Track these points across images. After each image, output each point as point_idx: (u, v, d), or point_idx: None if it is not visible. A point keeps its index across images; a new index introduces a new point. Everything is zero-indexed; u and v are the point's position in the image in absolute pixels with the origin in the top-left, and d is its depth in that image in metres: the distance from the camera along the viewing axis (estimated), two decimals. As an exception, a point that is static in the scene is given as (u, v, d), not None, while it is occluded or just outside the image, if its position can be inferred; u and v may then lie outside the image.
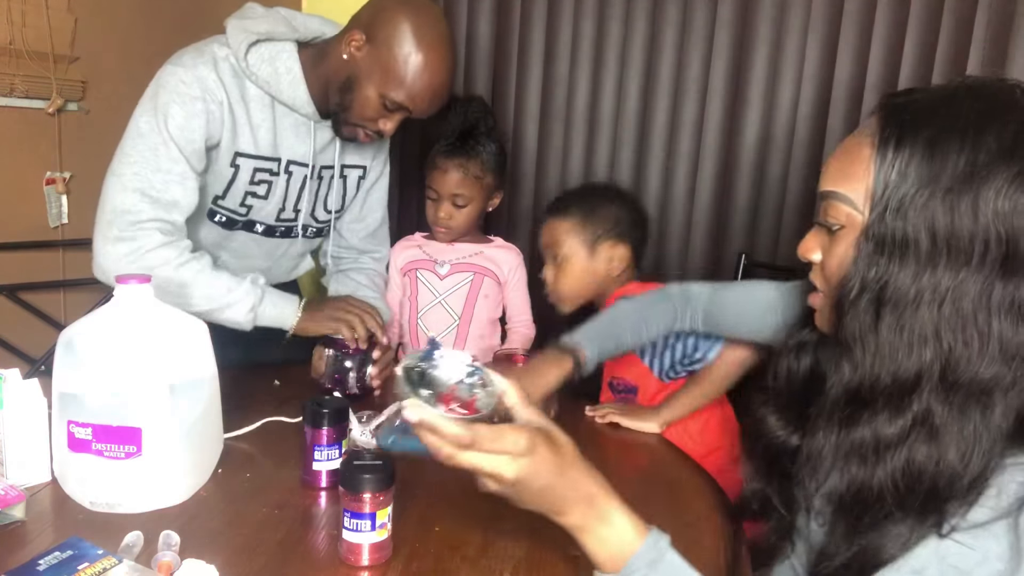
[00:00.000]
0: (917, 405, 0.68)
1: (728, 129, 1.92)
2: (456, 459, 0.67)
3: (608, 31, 1.95)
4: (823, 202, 0.77)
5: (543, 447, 0.69)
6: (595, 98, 2.00)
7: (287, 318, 1.34)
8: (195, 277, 1.27)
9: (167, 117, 1.24)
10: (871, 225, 0.70)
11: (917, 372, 0.68)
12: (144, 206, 1.25)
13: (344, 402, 1.02)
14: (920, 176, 0.67)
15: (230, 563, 0.79)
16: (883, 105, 0.73)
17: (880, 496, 0.69)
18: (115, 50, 1.75)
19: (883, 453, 0.69)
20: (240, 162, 1.34)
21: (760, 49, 1.86)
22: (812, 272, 0.81)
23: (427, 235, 1.76)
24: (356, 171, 1.54)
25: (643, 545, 0.70)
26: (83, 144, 1.70)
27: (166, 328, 0.94)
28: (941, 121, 0.68)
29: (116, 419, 0.88)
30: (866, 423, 0.71)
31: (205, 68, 1.27)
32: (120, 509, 0.89)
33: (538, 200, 2.07)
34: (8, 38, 1.49)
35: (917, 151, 0.68)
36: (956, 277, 0.66)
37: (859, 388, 0.71)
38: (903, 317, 0.68)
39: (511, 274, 1.72)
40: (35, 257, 1.63)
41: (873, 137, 0.71)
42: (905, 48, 1.75)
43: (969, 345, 0.66)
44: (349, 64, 1.29)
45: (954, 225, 0.66)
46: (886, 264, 0.69)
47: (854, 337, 0.71)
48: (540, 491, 0.70)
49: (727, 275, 1.90)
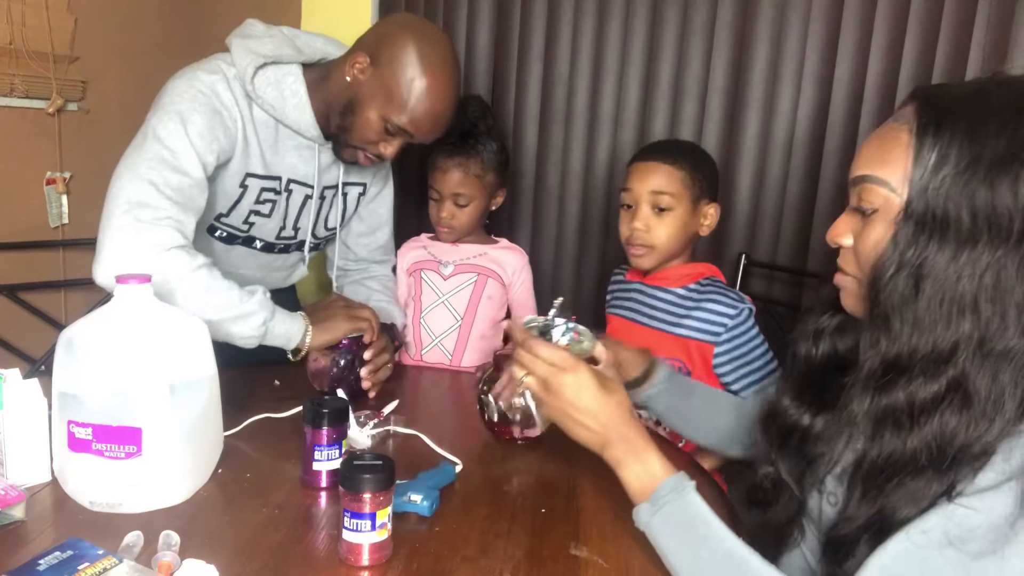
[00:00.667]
0: (953, 371, 0.71)
1: (728, 129, 1.92)
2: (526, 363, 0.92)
3: (608, 31, 1.95)
4: (857, 187, 0.80)
5: (587, 375, 0.89)
6: (595, 98, 2.00)
7: (294, 336, 1.27)
8: (209, 284, 1.19)
9: (187, 123, 1.20)
10: (910, 204, 0.73)
11: (955, 342, 0.71)
12: (163, 202, 1.17)
13: (344, 402, 1.02)
14: (961, 158, 0.71)
15: (230, 563, 0.79)
16: (917, 96, 0.77)
17: (912, 459, 0.72)
18: (115, 50, 1.75)
19: (918, 417, 0.73)
20: (249, 182, 1.33)
21: (760, 49, 1.86)
22: (841, 257, 0.84)
23: (432, 236, 1.77)
24: (356, 188, 1.55)
25: (672, 477, 0.84)
26: (83, 144, 1.69)
27: (166, 328, 0.94)
28: (979, 108, 0.72)
29: (116, 419, 0.88)
30: (902, 388, 0.74)
31: (221, 85, 1.26)
32: (120, 509, 0.89)
33: (538, 200, 2.07)
34: (8, 38, 1.49)
35: (958, 135, 0.71)
36: (995, 254, 0.69)
37: (897, 358, 0.74)
38: (943, 290, 0.71)
39: (516, 276, 1.72)
40: (35, 257, 1.63)
41: (910, 124, 0.75)
42: (905, 48, 1.75)
43: (1006, 317, 0.70)
44: (352, 87, 1.28)
45: (995, 203, 0.69)
46: (926, 242, 0.72)
47: (893, 309, 0.74)
48: (581, 412, 0.88)
49: (727, 275, 1.89)
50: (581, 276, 2.08)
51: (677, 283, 1.44)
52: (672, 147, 1.47)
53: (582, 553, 0.86)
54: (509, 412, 1.14)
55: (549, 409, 0.93)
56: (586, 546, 0.88)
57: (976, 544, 0.67)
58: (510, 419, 1.15)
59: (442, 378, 1.59)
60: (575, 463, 1.10)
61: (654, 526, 0.82)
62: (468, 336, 1.69)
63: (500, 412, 1.15)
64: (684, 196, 1.39)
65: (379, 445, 1.13)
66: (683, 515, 0.81)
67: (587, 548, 0.87)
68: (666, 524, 0.82)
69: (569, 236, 2.07)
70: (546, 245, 2.09)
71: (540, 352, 0.91)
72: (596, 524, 0.93)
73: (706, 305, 1.38)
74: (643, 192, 1.39)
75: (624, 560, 0.86)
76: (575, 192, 2.04)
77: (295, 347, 1.28)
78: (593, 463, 1.00)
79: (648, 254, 1.42)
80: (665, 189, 1.38)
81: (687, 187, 1.39)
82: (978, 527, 0.67)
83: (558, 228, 2.08)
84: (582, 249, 2.07)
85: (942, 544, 0.67)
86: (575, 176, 2.04)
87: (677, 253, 1.44)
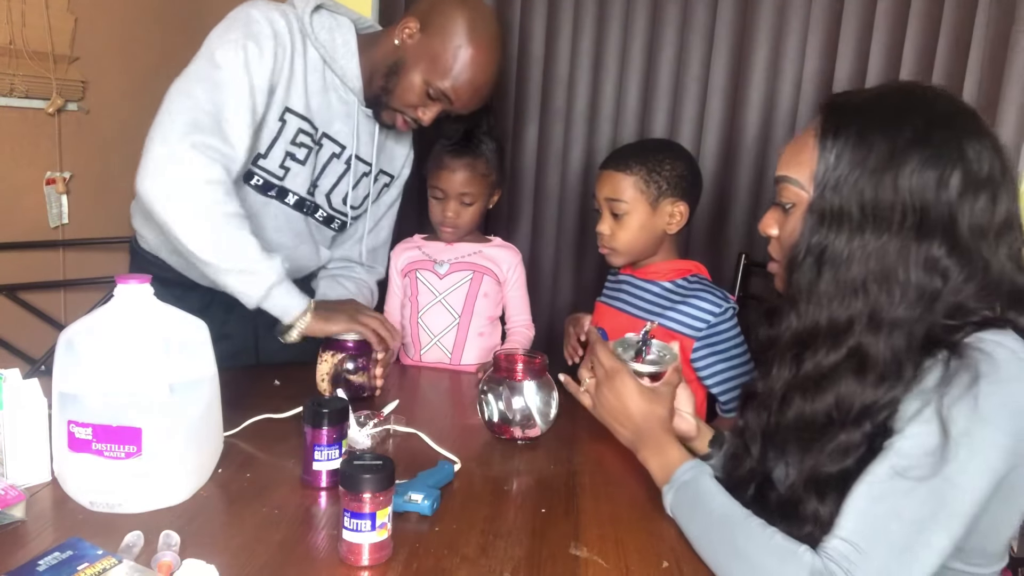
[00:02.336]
0: (851, 341, 0.83)
1: (728, 129, 1.92)
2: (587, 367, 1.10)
3: (608, 31, 1.95)
4: (778, 185, 0.93)
5: (631, 384, 1.04)
6: (595, 98, 2.00)
7: (291, 312, 1.26)
8: (235, 232, 1.21)
9: (245, 51, 1.24)
10: (814, 201, 0.86)
11: (849, 317, 0.83)
12: (214, 139, 1.21)
13: (344, 402, 1.02)
14: (852, 160, 0.83)
15: (230, 563, 0.79)
16: (825, 103, 0.90)
17: (821, 420, 0.84)
18: (115, 50, 1.76)
19: (821, 382, 0.85)
20: (288, 118, 1.34)
21: (760, 49, 1.86)
22: (770, 245, 0.97)
23: (426, 236, 1.77)
24: (384, 177, 1.56)
25: (688, 462, 0.95)
26: (83, 144, 1.70)
27: (166, 328, 0.94)
28: (869, 116, 0.85)
29: (116, 419, 0.88)
30: (809, 359, 0.86)
31: (278, 14, 1.29)
32: (120, 509, 0.89)
33: (538, 200, 2.07)
34: (8, 38, 1.49)
35: (851, 139, 0.84)
36: (880, 240, 0.82)
37: (804, 333, 0.86)
38: (838, 273, 0.84)
39: (510, 273, 1.73)
40: (35, 257, 1.63)
41: (816, 130, 0.87)
42: (905, 48, 1.75)
43: (892, 294, 0.81)
44: (399, 49, 1.33)
45: (878, 198, 0.81)
46: (825, 232, 0.84)
47: (799, 291, 0.87)
48: (623, 416, 1.04)
49: (727, 275, 1.90)
50: (581, 276, 2.08)
51: (665, 277, 1.48)
52: (629, 152, 1.50)
53: (582, 553, 0.86)
54: (509, 412, 1.14)
55: (599, 408, 1.08)
56: (586, 546, 0.88)
57: (919, 471, 0.74)
58: (510, 419, 1.15)
59: (442, 378, 1.59)
60: (575, 463, 1.10)
61: (673, 505, 0.93)
62: (467, 333, 1.69)
63: (500, 412, 1.15)
64: (639, 200, 1.44)
65: (379, 445, 1.13)
66: (694, 491, 0.91)
67: (587, 548, 0.87)
68: (681, 502, 0.92)
69: (569, 236, 2.07)
70: (546, 245, 2.09)
71: (601, 358, 1.07)
72: (596, 524, 0.93)
73: (692, 300, 1.42)
74: (602, 199, 1.48)
75: (624, 560, 0.86)
76: (575, 192, 2.04)
77: (290, 325, 1.27)
78: (593, 463, 1.00)
79: (613, 254, 1.50)
80: (618, 196, 1.45)
81: (640, 191, 1.44)
82: (914, 453, 0.75)
83: (558, 228, 2.08)
84: (582, 249, 2.07)
85: (892, 477, 0.76)
86: (575, 176, 2.04)
87: (647, 251, 1.50)
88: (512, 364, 1.18)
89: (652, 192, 1.44)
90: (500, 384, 1.16)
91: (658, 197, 1.44)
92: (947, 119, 0.83)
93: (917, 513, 0.74)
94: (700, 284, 1.46)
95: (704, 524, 0.88)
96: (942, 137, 0.81)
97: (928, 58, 1.73)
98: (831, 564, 0.74)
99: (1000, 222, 0.82)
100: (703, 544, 0.87)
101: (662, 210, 1.45)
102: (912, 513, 0.74)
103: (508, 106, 2.05)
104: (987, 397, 0.74)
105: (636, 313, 1.48)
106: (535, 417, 1.15)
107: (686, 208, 1.47)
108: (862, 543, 0.74)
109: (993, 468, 0.75)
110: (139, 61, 1.80)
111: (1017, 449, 0.75)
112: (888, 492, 0.76)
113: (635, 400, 1.04)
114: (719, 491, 0.89)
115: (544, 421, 1.16)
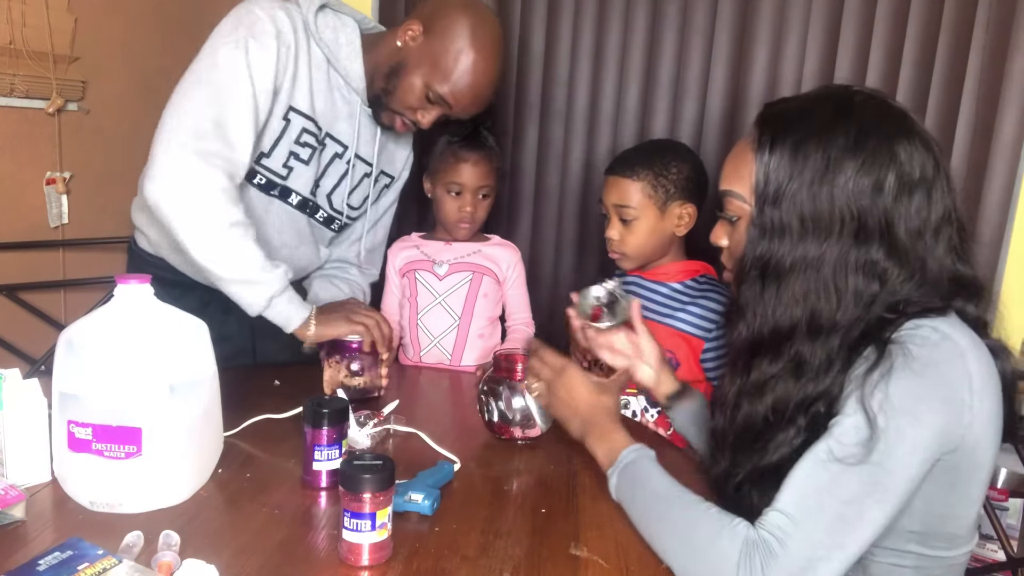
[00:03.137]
0: (792, 349, 0.86)
1: (728, 129, 1.92)
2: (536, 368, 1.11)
3: (608, 31, 1.95)
4: (723, 199, 0.95)
5: (579, 377, 1.07)
6: (595, 98, 2.00)
7: (293, 321, 1.27)
8: (238, 242, 1.21)
9: (247, 51, 1.23)
10: (755, 215, 0.88)
11: (790, 325, 0.86)
12: (217, 144, 1.21)
13: (344, 402, 1.02)
14: (789, 172, 0.85)
15: (230, 563, 0.79)
16: (760, 116, 0.92)
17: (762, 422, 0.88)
18: (115, 50, 1.76)
19: (763, 389, 0.88)
20: (292, 117, 1.34)
21: (760, 49, 1.86)
22: (723, 255, 1.00)
23: (424, 235, 1.76)
24: (385, 179, 1.56)
25: (631, 447, 0.96)
26: (83, 144, 1.70)
27: (166, 328, 0.94)
28: (802, 127, 0.86)
29: (116, 419, 0.88)
30: (756, 368, 0.90)
31: (282, 12, 1.29)
32: (120, 509, 0.89)
33: (538, 199, 2.07)
34: (8, 38, 1.49)
35: (786, 153, 0.85)
36: (820, 248, 0.84)
37: (751, 340, 0.90)
38: (780, 285, 0.86)
39: (510, 271, 1.72)
40: (35, 257, 1.63)
41: (753, 143, 0.89)
42: (905, 48, 1.75)
43: (829, 301, 0.84)
44: (401, 51, 1.33)
45: (817, 209, 0.84)
46: (767, 244, 0.87)
47: (746, 303, 0.90)
48: (567, 406, 1.06)
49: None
50: (581, 275, 2.08)
51: (674, 278, 1.49)
52: (637, 157, 1.50)
53: (582, 553, 0.86)
54: (509, 412, 1.15)
55: (552, 404, 1.09)
56: (586, 546, 0.88)
57: (851, 459, 0.77)
58: (510, 419, 1.15)
59: (442, 378, 1.59)
60: (575, 463, 1.10)
61: (617, 488, 0.94)
62: (467, 335, 1.69)
63: (500, 412, 1.15)
64: (647, 205, 1.45)
65: (379, 445, 1.13)
66: (634, 472, 0.93)
67: (587, 548, 0.87)
68: (623, 484, 0.93)
69: (569, 236, 2.07)
70: (546, 245, 2.09)
71: (548, 359, 1.10)
72: (596, 524, 0.93)
73: (702, 302, 1.42)
74: (609, 205, 1.48)
75: (624, 560, 0.86)
76: (575, 192, 2.04)
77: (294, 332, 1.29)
78: (593, 463, 1.00)
79: (623, 259, 1.51)
80: (627, 203, 1.45)
81: (648, 196, 1.45)
82: (846, 441, 0.78)
83: (558, 228, 2.08)
84: (582, 248, 2.07)
85: (829, 459, 0.78)
86: (575, 176, 2.04)
87: (657, 254, 1.50)
88: (512, 364, 1.18)
89: (660, 196, 1.44)
90: (500, 384, 1.17)
91: (666, 201, 1.44)
92: (877, 124, 0.85)
93: (850, 492, 0.77)
94: (709, 285, 1.46)
95: (643, 504, 0.90)
96: (874, 143, 0.83)
97: (928, 58, 1.73)
98: (764, 534, 0.77)
99: (937, 219, 0.85)
100: (643, 524, 0.89)
101: (670, 213, 1.45)
102: (846, 492, 0.77)
103: (508, 106, 2.05)
104: (899, 390, 0.77)
105: (645, 315, 1.48)
106: (535, 417, 1.15)
107: (694, 209, 1.47)
108: (797, 514, 0.77)
109: (923, 448, 0.77)
110: (139, 61, 1.80)
111: (948, 430, 0.78)
112: (823, 471, 0.78)
113: (583, 392, 1.06)
114: (659, 472, 0.91)
115: (544, 421, 1.16)
